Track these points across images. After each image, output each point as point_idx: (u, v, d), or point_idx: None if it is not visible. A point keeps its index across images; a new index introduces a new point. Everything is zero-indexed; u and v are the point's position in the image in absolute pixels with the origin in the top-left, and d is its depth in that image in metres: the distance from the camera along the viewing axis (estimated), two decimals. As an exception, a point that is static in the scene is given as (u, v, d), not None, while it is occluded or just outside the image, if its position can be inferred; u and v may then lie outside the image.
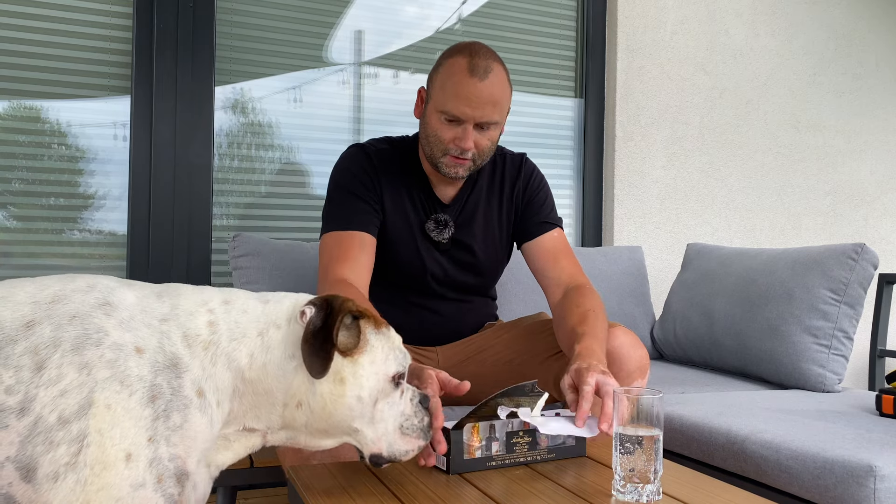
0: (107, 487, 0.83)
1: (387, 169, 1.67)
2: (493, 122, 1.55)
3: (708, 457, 1.65)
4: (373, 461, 1.04)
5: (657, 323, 2.56)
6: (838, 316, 2.02)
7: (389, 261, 1.69)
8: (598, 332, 1.45)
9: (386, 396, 1.03)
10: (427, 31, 2.69)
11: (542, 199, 1.75)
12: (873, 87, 3.37)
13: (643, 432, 1.08)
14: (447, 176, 1.61)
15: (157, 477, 0.86)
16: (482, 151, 1.59)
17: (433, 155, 1.60)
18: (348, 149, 1.71)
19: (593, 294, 1.57)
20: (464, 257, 1.72)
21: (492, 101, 1.53)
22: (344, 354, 0.98)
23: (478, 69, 1.51)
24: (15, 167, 2.22)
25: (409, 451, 1.06)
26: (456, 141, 1.55)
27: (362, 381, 0.99)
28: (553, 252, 1.68)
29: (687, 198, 3.01)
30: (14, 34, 2.20)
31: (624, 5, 2.90)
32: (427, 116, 1.60)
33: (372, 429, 1.02)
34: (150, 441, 0.86)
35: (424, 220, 1.69)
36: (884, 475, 1.31)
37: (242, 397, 0.96)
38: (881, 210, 3.39)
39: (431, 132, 1.58)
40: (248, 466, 1.51)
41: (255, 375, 0.96)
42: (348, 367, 0.98)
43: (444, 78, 1.55)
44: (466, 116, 1.53)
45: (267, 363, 0.96)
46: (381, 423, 1.03)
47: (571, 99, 2.93)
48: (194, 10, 2.35)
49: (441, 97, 1.54)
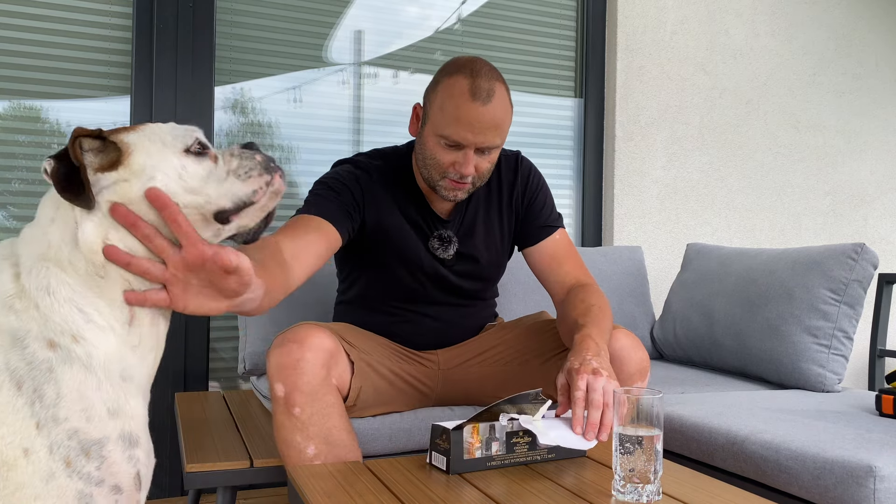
0: (21, 487, 0.80)
1: (381, 185, 1.60)
2: (494, 146, 1.49)
3: (708, 457, 1.65)
4: (217, 218, 0.96)
5: (657, 323, 2.56)
6: (838, 316, 2.02)
7: (391, 278, 1.66)
8: (601, 322, 1.44)
9: (198, 166, 0.95)
10: (427, 31, 2.69)
11: (542, 202, 1.71)
12: (873, 87, 3.37)
13: (643, 432, 1.08)
14: (445, 199, 1.56)
15: (65, 461, 0.82)
16: (482, 174, 1.53)
17: (431, 178, 1.53)
18: (339, 163, 1.64)
19: (598, 292, 1.56)
20: (469, 268, 1.69)
21: (494, 125, 1.45)
22: (112, 169, 0.91)
23: (480, 92, 1.43)
24: (15, 167, 2.22)
25: (255, 190, 0.98)
26: (455, 166, 1.48)
27: (153, 173, 0.91)
28: (556, 255, 1.67)
29: (687, 198, 3.01)
30: (14, 34, 2.20)
31: (624, 5, 2.90)
32: (424, 138, 1.52)
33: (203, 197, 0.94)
34: (39, 428, 0.82)
35: (427, 238, 1.64)
36: (884, 475, 1.31)
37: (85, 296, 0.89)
38: (881, 210, 3.39)
39: (429, 155, 1.51)
40: (248, 466, 1.51)
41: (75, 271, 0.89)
42: (126, 175, 0.91)
43: (444, 99, 1.46)
44: (468, 142, 1.45)
45: (71, 253, 0.89)
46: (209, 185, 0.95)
47: (571, 99, 2.93)
48: (194, 10, 2.35)
49: (440, 120, 1.46)
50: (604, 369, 1.27)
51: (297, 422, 1.35)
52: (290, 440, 1.36)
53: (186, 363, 2.34)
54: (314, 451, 1.35)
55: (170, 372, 2.31)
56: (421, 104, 1.57)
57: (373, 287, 1.69)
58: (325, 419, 1.36)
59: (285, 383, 1.35)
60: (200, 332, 2.36)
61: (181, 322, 2.33)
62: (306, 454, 1.35)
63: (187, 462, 1.49)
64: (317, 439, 1.35)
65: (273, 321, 2.03)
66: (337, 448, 1.37)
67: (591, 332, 1.39)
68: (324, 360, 1.37)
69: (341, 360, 1.44)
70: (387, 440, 1.60)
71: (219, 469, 1.49)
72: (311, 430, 1.35)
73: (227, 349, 2.44)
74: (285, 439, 1.36)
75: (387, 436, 1.60)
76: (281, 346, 1.36)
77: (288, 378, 1.34)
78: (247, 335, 2.02)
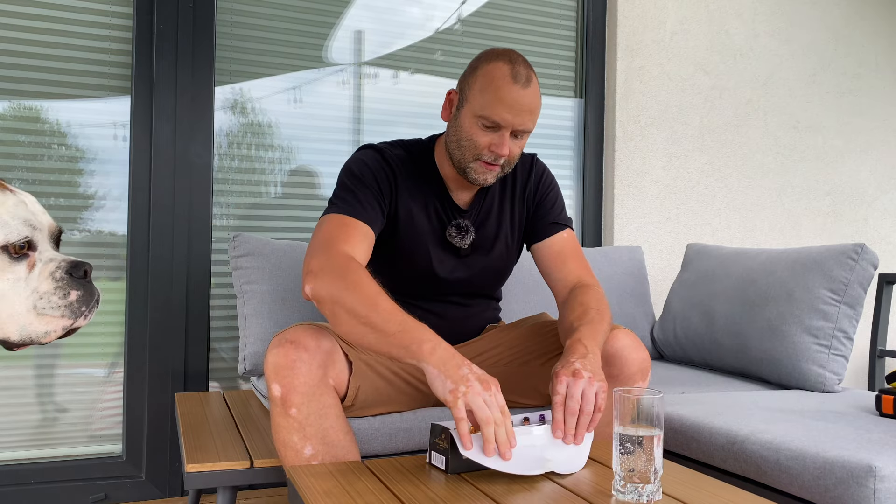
0: None
1: (404, 175, 1.63)
2: (528, 130, 1.55)
3: (708, 457, 1.65)
4: (4, 346, 0.92)
5: (657, 323, 2.56)
6: (838, 316, 2.02)
7: (402, 268, 1.67)
8: (597, 325, 1.45)
9: (4, 272, 0.89)
10: (427, 31, 2.69)
11: (553, 200, 1.75)
12: (873, 87, 3.37)
13: (643, 432, 1.08)
14: (475, 182, 1.58)
15: None
16: (513, 159, 1.58)
17: (463, 159, 1.57)
18: (364, 148, 1.67)
19: (599, 294, 1.57)
20: (482, 262, 1.71)
21: (530, 108, 1.52)
22: None
23: (520, 76, 1.50)
24: (15, 167, 2.22)
25: (48, 331, 0.92)
26: (492, 147, 1.53)
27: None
28: (561, 253, 1.68)
29: (687, 198, 3.01)
30: (14, 34, 2.20)
31: (624, 5, 2.90)
32: (461, 120, 1.56)
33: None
34: None
35: (444, 227, 1.66)
36: (884, 475, 1.31)
37: None
38: (881, 210, 3.39)
39: (465, 136, 1.55)
40: (248, 466, 1.51)
41: None
42: None
43: (485, 83, 1.52)
44: (506, 123, 1.50)
45: None
46: (3, 303, 0.89)
47: (571, 99, 2.93)
48: (194, 10, 2.35)
49: (480, 101, 1.51)
50: (587, 371, 1.28)
51: (294, 422, 1.35)
52: (287, 440, 1.36)
53: (186, 363, 2.34)
54: (311, 451, 1.35)
55: (170, 372, 2.32)
56: (455, 90, 1.61)
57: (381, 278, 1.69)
58: (321, 419, 1.37)
59: (282, 384, 1.35)
60: (200, 333, 2.37)
61: (181, 322, 2.33)
62: (303, 454, 1.35)
63: (187, 462, 1.49)
64: (314, 440, 1.36)
65: (273, 321, 2.03)
66: (334, 448, 1.37)
67: (583, 334, 1.40)
68: (320, 360, 1.38)
69: (339, 360, 1.44)
70: (387, 440, 1.60)
71: (219, 469, 1.49)
72: (308, 431, 1.36)
73: (227, 349, 2.44)
74: (283, 440, 1.37)
75: (387, 436, 1.60)
76: (278, 347, 1.37)
77: (284, 379, 1.35)
78: (247, 335, 2.02)
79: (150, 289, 2.30)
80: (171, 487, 2.33)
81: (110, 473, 2.28)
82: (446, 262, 1.68)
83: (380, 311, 1.30)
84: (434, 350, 1.24)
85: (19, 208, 0.92)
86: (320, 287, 1.36)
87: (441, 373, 1.22)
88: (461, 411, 1.18)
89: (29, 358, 2.23)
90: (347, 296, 1.33)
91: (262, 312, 2.02)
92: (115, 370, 2.33)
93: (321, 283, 1.36)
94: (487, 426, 1.17)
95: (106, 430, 2.32)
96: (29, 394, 2.24)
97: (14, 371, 2.22)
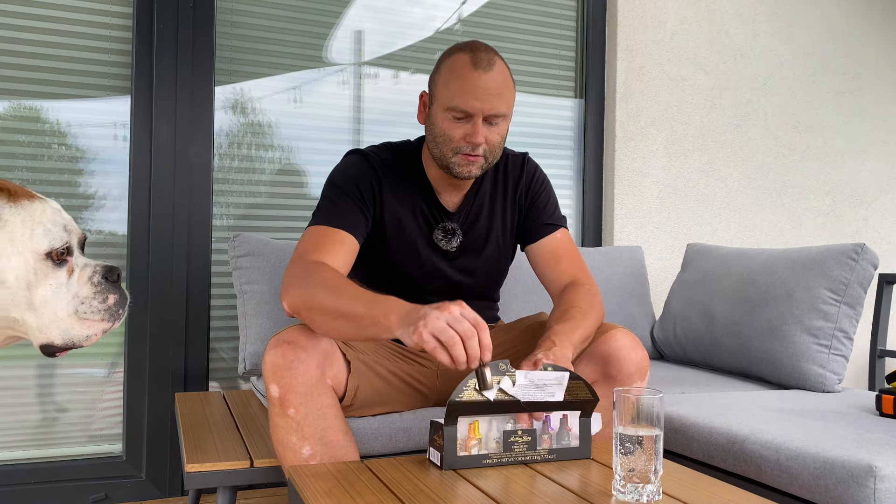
0: None
1: (390, 179, 1.64)
2: (500, 114, 1.53)
3: (708, 457, 1.65)
4: (44, 351, 0.94)
5: (657, 323, 2.56)
6: (838, 316, 2.02)
7: (392, 272, 1.67)
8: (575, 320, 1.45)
9: (47, 278, 0.92)
10: (427, 31, 2.69)
11: (546, 200, 1.73)
12: (873, 87, 3.37)
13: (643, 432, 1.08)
14: (459, 177, 1.58)
15: None
16: (493, 147, 1.57)
17: (444, 156, 1.57)
18: (349, 154, 1.67)
19: (588, 293, 1.56)
20: (471, 264, 1.70)
21: (497, 91, 1.51)
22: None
23: (481, 62, 1.50)
24: (15, 167, 2.22)
25: (90, 335, 0.95)
26: (467, 137, 1.52)
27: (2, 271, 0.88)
28: (555, 254, 1.68)
29: (687, 198, 3.01)
30: (14, 34, 2.20)
31: (624, 5, 2.89)
32: (433, 118, 1.57)
33: (35, 316, 0.91)
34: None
35: (431, 230, 1.66)
36: (884, 475, 1.31)
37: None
38: (881, 210, 3.39)
39: (440, 132, 1.55)
40: (248, 466, 1.51)
41: None
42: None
43: (448, 75, 1.53)
44: (475, 110, 1.50)
45: None
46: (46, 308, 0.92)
47: (571, 99, 2.93)
48: (194, 10, 2.35)
49: (447, 94, 1.52)
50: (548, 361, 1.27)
51: (293, 422, 1.35)
52: (285, 440, 1.36)
53: (186, 363, 2.34)
54: (310, 451, 1.36)
55: (170, 372, 2.32)
56: (427, 91, 1.62)
57: (371, 284, 1.69)
58: (320, 420, 1.37)
59: (280, 384, 1.35)
60: (200, 332, 2.37)
61: (181, 322, 2.33)
62: (302, 455, 1.35)
63: (187, 462, 1.49)
64: (312, 440, 1.36)
65: (273, 321, 2.03)
66: (332, 448, 1.37)
67: (555, 331, 1.40)
68: (318, 360, 1.38)
69: (336, 360, 1.44)
70: (386, 440, 1.60)
71: (219, 469, 1.49)
72: (307, 431, 1.36)
73: (227, 349, 2.44)
74: (281, 440, 1.37)
75: (386, 435, 1.60)
76: (276, 348, 1.37)
77: (282, 379, 1.35)
78: (247, 335, 2.02)
79: (150, 289, 2.30)
80: (171, 487, 2.33)
81: (110, 473, 2.29)
82: (436, 265, 1.67)
83: (346, 299, 1.30)
84: (400, 315, 1.22)
85: (57, 215, 0.95)
86: (292, 298, 1.38)
87: (407, 326, 1.19)
88: (430, 343, 1.14)
89: (29, 358, 2.23)
90: (314, 296, 1.34)
91: (262, 312, 2.02)
92: (115, 370, 2.33)
93: (292, 295, 1.38)
94: (454, 347, 1.13)
95: (106, 430, 2.32)
96: (29, 394, 2.24)
97: (14, 371, 2.22)
